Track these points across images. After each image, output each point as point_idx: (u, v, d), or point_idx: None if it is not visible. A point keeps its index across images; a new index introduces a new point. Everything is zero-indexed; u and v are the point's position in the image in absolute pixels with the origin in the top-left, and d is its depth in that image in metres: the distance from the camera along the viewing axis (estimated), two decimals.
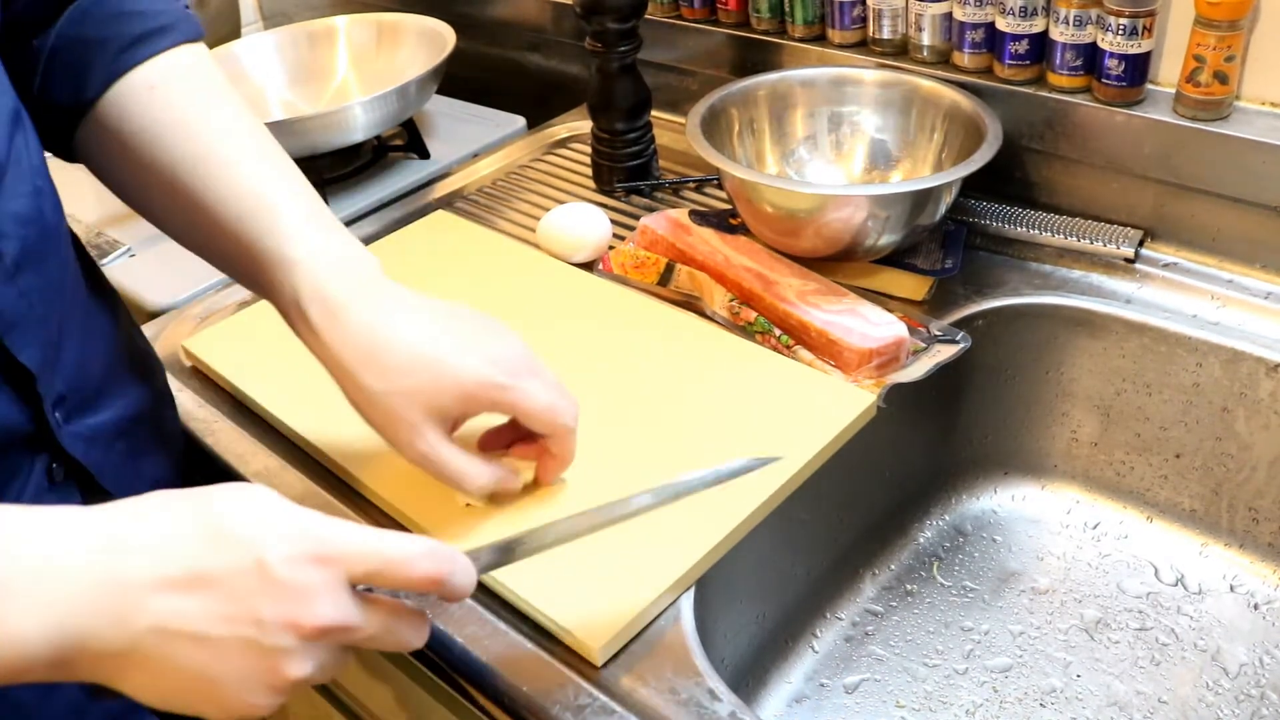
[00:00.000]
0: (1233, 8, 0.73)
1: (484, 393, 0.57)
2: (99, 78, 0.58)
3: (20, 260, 0.52)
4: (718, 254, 0.83)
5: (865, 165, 0.93)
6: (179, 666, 0.42)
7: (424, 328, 0.57)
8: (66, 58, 0.58)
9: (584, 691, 0.55)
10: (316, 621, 0.43)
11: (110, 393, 0.61)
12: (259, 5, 1.58)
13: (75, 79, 0.58)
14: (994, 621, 0.79)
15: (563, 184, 1.04)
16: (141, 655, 0.42)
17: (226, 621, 0.42)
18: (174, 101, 0.59)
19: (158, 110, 0.58)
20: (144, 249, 1.01)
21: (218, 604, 0.42)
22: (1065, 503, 0.87)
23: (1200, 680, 0.74)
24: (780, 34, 0.99)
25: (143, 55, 0.59)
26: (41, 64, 0.58)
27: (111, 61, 0.58)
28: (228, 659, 0.43)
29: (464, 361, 0.57)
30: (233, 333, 0.83)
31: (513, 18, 1.25)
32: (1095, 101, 0.82)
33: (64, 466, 0.56)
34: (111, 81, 0.58)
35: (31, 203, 0.53)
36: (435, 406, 0.57)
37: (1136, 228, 0.83)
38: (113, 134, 0.59)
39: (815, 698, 0.75)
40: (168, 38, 0.60)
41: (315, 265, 0.57)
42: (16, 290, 0.52)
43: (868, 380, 0.73)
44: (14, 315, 0.51)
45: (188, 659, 0.42)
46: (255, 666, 0.43)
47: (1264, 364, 0.74)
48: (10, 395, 0.52)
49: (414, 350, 0.56)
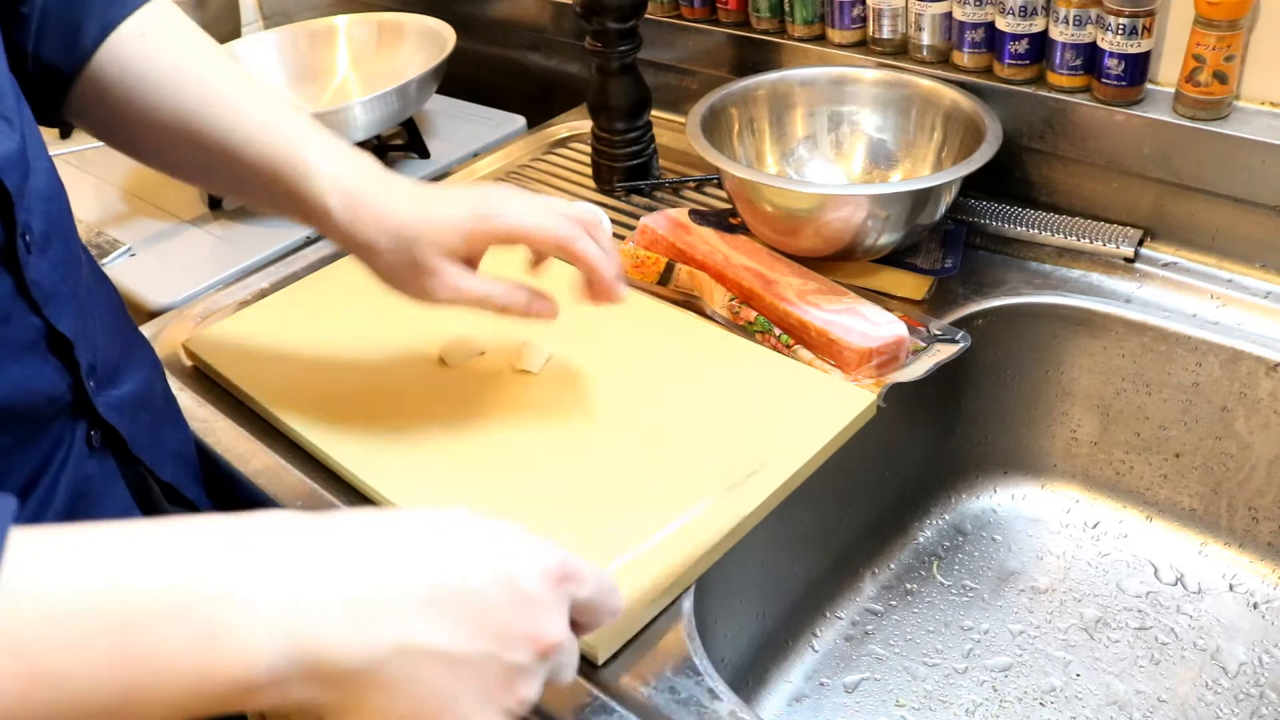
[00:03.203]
0: (1232, 7, 0.73)
1: (479, 224, 0.63)
2: (93, 31, 0.61)
3: (47, 234, 0.54)
4: (717, 253, 0.83)
5: (865, 165, 0.93)
6: (418, 686, 0.40)
7: (425, 195, 0.64)
8: (57, 16, 0.61)
9: (584, 690, 0.55)
10: (552, 638, 0.42)
11: (126, 366, 0.64)
12: (259, 5, 1.58)
13: (69, 35, 0.61)
14: (994, 621, 0.79)
15: (563, 184, 1.04)
16: (382, 675, 0.39)
17: (474, 636, 0.40)
18: (169, 45, 0.63)
19: (155, 55, 0.62)
20: (144, 249, 1.01)
21: (467, 619, 0.40)
22: (1065, 502, 0.87)
23: (1200, 679, 0.74)
24: (780, 34, 0.99)
25: (130, 6, 0.63)
26: (33, 26, 0.60)
27: (103, 14, 0.62)
28: (468, 676, 0.40)
29: (458, 205, 0.63)
30: (233, 332, 0.83)
31: (513, 18, 1.25)
32: (1095, 101, 0.82)
33: (100, 433, 0.59)
34: (106, 33, 0.62)
35: (49, 179, 0.56)
36: (446, 248, 0.63)
37: (1136, 227, 0.83)
38: (113, 85, 0.62)
39: (815, 697, 0.75)
40: None
41: (330, 165, 0.63)
42: (48, 263, 0.54)
43: (868, 379, 0.73)
44: (49, 287, 0.54)
45: (430, 678, 0.40)
46: (493, 684, 0.41)
47: (1264, 363, 0.74)
48: (55, 364, 0.55)
49: (418, 211, 0.63)
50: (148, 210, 1.07)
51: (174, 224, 1.04)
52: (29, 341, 0.53)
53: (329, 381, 0.76)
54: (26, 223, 0.52)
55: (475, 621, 0.41)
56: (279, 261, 0.95)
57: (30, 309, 0.53)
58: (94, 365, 0.58)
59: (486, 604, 0.41)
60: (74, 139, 1.26)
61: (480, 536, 0.43)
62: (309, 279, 0.88)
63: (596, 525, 0.63)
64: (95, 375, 0.58)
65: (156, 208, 1.08)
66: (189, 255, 1.00)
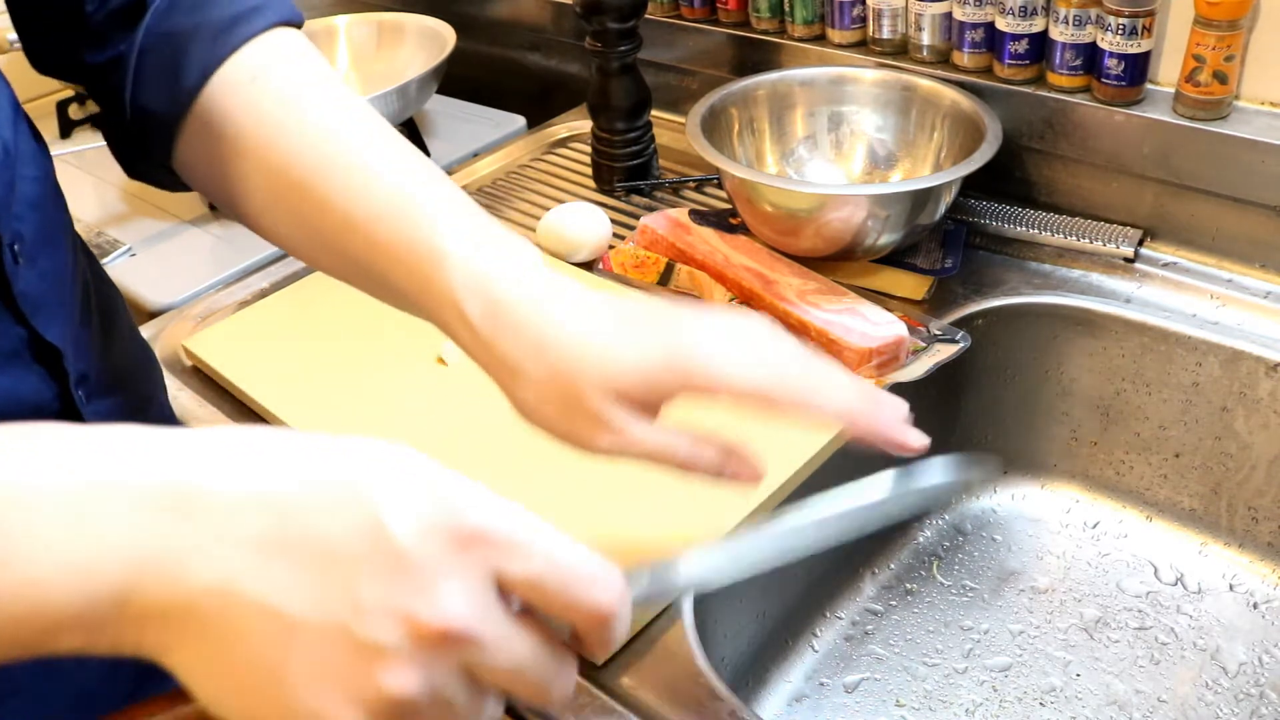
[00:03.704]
0: (1232, 7, 0.73)
1: (674, 374, 0.47)
2: (195, 70, 0.52)
3: (37, 243, 0.52)
4: (717, 253, 0.83)
5: (865, 165, 0.93)
6: (240, 645, 0.32)
7: (600, 314, 0.48)
8: (157, 57, 0.53)
9: (584, 691, 0.55)
10: (438, 618, 0.32)
11: (120, 377, 0.62)
12: None
13: (169, 77, 0.52)
14: (994, 621, 0.79)
15: (563, 184, 1.04)
16: (197, 621, 0.32)
17: (316, 597, 0.32)
18: (282, 92, 0.52)
19: (266, 104, 0.52)
20: (144, 249, 1.01)
21: (310, 573, 0.32)
22: (1065, 502, 0.87)
23: (1199, 679, 0.74)
24: (780, 34, 0.99)
25: (239, 38, 0.53)
26: (130, 70, 0.53)
27: (207, 50, 0.52)
28: (303, 646, 0.32)
29: (649, 338, 0.48)
30: (233, 333, 0.83)
31: (513, 18, 1.25)
32: (1095, 101, 0.82)
33: None
34: (209, 73, 0.52)
35: (41, 188, 0.53)
36: (614, 389, 0.47)
37: (1136, 227, 0.83)
38: (215, 136, 0.52)
39: (815, 697, 0.75)
40: (263, 18, 0.54)
41: (472, 258, 0.48)
42: (36, 273, 0.51)
43: (868, 380, 0.73)
44: (37, 297, 0.50)
45: (253, 636, 0.32)
46: (341, 664, 0.32)
47: (1263, 363, 0.74)
48: (41, 373, 0.53)
49: (585, 338, 0.47)
50: (148, 210, 1.07)
51: (174, 224, 1.04)
52: (11, 351, 0.50)
53: (329, 381, 0.76)
54: (16, 232, 0.50)
55: (322, 579, 0.32)
56: (279, 261, 0.95)
57: (15, 319, 0.49)
58: (85, 374, 0.56)
59: (341, 558, 0.32)
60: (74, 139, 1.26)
61: (371, 474, 0.33)
62: (309, 279, 0.88)
63: (597, 524, 0.63)
64: (86, 385, 0.56)
65: (156, 208, 1.08)
66: (189, 255, 1.00)
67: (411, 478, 0.33)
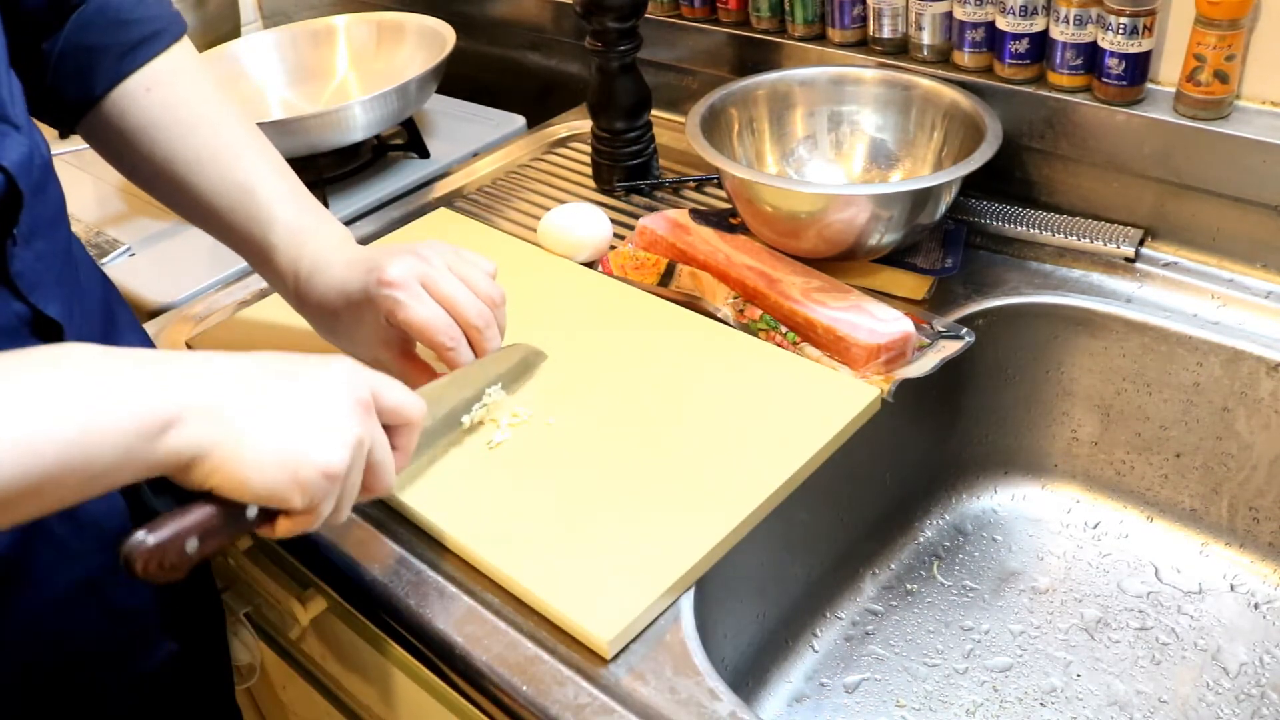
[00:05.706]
0: (1233, 7, 0.73)
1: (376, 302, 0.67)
2: (103, 80, 0.67)
3: (34, 226, 0.56)
4: (718, 253, 0.83)
5: (865, 165, 0.93)
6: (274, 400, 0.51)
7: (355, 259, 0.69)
8: (72, 62, 0.67)
9: (584, 691, 0.55)
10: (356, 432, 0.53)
11: None
12: (259, 5, 1.57)
13: (82, 80, 0.67)
14: (994, 621, 0.79)
15: (563, 183, 1.04)
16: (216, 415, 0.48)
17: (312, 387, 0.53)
18: (169, 103, 0.69)
19: (155, 111, 0.68)
20: (144, 248, 1.01)
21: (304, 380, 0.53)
22: (1065, 502, 0.87)
23: (1200, 680, 0.74)
24: (780, 33, 0.99)
25: (140, 59, 0.68)
26: (51, 65, 0.66)
27: (114, 66, 0.67)
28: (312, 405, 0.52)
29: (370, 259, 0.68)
30: (233, 332, 0.83)
31: (513, 17, 1.25)
32: (1095, 101, 0.82)
33: None
34: (114, 84, 0.68)
35: (42, 175, 0.58)
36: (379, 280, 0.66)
37: (1137, 227, 0.83)
38: (115, 130, 0.69)
39: (815, 697, 0.75)
40: (160, 42, 0.69)
41: (289, 245, 0.69)
42: (33, 253, 0.56)
43: (876, 376, 0.73)
44: (34, 276, 0.56)
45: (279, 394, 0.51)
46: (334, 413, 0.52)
47: (1264, 363, 0.74)
48: None
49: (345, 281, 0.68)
50: (147, 210, 1.07)
51: (174, 224, 1.04)
52: (11, 327, 0.55)
53: None
54: (21, 218, 0.54)
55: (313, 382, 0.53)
56: None
57: (13, 295, 0.55)
58: None
59: (319, 374, 0.54)
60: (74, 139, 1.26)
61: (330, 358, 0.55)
62: None
63: (597, 523, 0.63)
64: None
65: (156, 207, 1.08)
66: (189, 255, 0.99)
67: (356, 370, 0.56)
